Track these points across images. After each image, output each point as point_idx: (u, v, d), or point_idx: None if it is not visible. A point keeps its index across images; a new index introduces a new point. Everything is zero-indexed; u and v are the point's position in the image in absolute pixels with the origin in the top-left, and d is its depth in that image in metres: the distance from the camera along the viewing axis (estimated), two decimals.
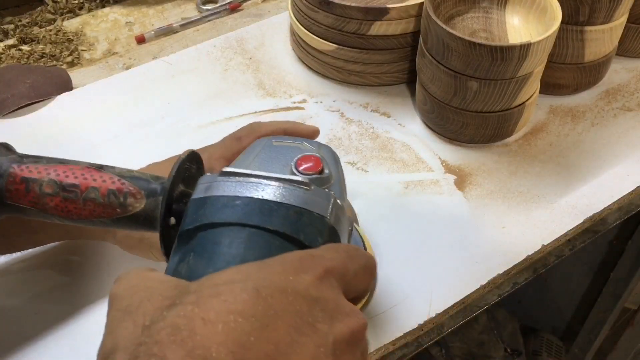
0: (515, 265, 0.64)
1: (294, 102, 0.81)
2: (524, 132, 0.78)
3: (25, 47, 0.90)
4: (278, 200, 0.38)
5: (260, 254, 0.35)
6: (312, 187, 0.40)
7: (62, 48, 0.90)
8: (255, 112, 0.80)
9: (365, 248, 0.61)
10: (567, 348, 1.33)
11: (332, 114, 0.80)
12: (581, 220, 0.68)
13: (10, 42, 0.91)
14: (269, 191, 0.38)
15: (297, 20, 0.83)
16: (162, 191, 0.44)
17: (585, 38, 0.76)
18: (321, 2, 0.76)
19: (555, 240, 0.66)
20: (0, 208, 0.45)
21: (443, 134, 0.77)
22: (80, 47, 0.91)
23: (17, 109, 0.79)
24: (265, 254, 0.35)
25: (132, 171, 0.46)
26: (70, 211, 0.45)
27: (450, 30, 0.66)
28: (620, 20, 0.77)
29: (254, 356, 0.28)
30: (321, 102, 0.81)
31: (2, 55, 0.89)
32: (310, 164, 0.42)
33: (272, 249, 0.36)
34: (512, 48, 0.65)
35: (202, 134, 0.77)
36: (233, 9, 0.97)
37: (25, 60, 0.88)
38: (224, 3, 0.97)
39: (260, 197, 0.38)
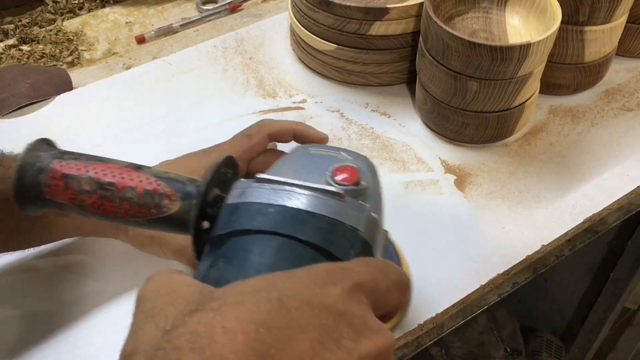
0: (515, 265, 0.64)
1: (294, 102, 0.81)
2: (524, 132, 0.78)
3: (25, 47, 0.90)
4: (311, 210, 0.38)
5: (290, 264, 0.34)
6: (347, 199, 0.39)
7: (62, 48, 0.90)
8: (255, 112, 0.80)
9: (400, 264, 0.59)
10: (567, 348, 1.33)
11: (332, 114, 0.80)
12: (581, 220, 0.68)
13: (10, 42, 0.91)
14: (302, 200, 0.38)
15: (297, 20, 0.83)
16: (197, 194, 0.44)
17: (585, 38, 0.76)
18: (321, 2, 0.76)
19: (555, 240, 0.66)
20: (39, 202, 0.46)
21: (443, 134, 0.77)
22: (80, 47, 0.91)
23: (17, 109, 0.79)
24: (295, 264, 0.34)
25: (168, 172, 0.47)
26: (106, 209, 0.45)
27: (450, 30, 0.66)
28: (620, 20, 0.77)
29: None
30: (321, 102, 0.81)
31: (2, 55, 0.89)
32: (346, 175, 0.42)
33: (303, 260, 0.35)
34: (512, 48, 0.65)
35: (202, 134, 0.77)
36: (233, 9, 0.97)
37: (25, 60, 0.88)
38: (224, 3, 0.97)
39: (293, 206, 0.38)
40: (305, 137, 0.62)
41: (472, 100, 0.71)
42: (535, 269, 0.65)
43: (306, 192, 0.39)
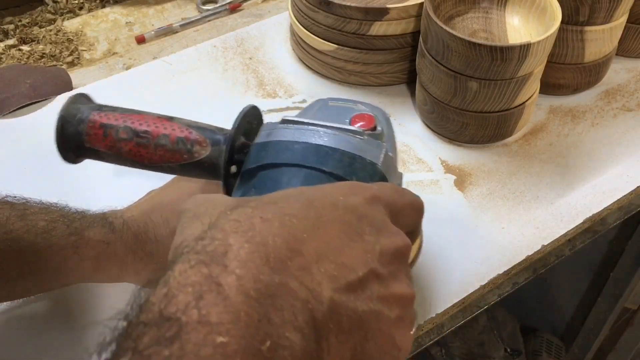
0: (515, 265, 0.64)
1: (294, 102, 0.81)
2: (524, 132, 0.78)
3: (25, 47, 0.90)
4: (333, 145, 0.42)
5: None
6: (366, 137, 0.43)
7: (62, 48, 0.90)
8: None
9: None
10: (567, 348, 1.33)
11: None
12: (581, 220, 0.68)
13: (10, 42, 0.91)
14: (325, 138, 0.42)
15: (297, 20, 0.83)
16: (226, 140, 0.47)
17: (585, 38, 0.76)
18: (321, 2, 0.76)
19: (555, 240, 0.66)
20: (80, 150, 0.49)
21: (443, 134, 0.77)
22: (80, 47, 0.91)
23: (17, 109, 0.79)
24: None
25: (198, 123, 0.50)
26: (142, 155, 0.49)
27: (450, 31, 0.66)
28: (620, 20, 0.77)
29: (307, 249, 0.30)
30: None
31: (2, 55, 0.89)
32: (364, 122, 0.45)
33: None
34: (512, 48, 0.65)
35: None
36: (233, 9, 0.97)
37: (25, 60, 0.88)
38: (224, 3, 0.97)
39: (317, 142, 0.42)
40: None
41: (472, 100, 0.71)
42: (535, 269, 0.65)
43: (328, 130, 0.42)
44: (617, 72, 0.86)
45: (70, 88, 0.83)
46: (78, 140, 0.49)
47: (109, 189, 0.69)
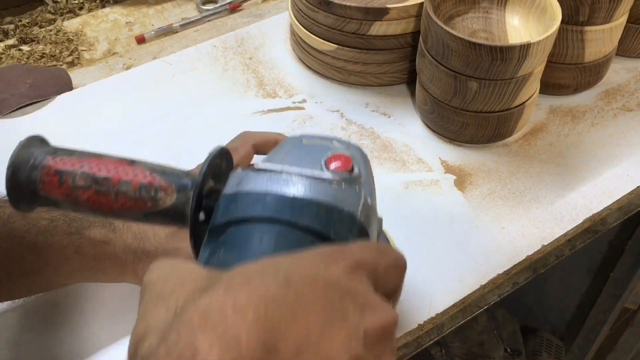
0: (515, 265, 0.64)
1: (294, 102, 0.81)
2: (524, 132, 0.78)
3: (25, 47, 0.90)
4: (309, 197, 0.39)
5: (291, 250, 0.35)
6: (343, 185, 0.40)
7: (62, 48, 0.90)
8: (255, 112, 0.80)
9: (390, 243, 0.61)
10: (567, 348, 1.33)
11: (332, 114, 0.80)
12: (581, 220, 0.68)
13: (10, 42, 0.91)
14: (299, 187, 0.39)
15: (297, 20, 0.83)
16: (193, 186, 0.44)
17: (585, 38, 0.76)
18: (321, 2, 0.76)
19: (555, 240, 0.66)
20: (33, 199, 0.46)
21: (443, 134, 0.77)
22: (80, 47, 0.91)
23: (17, 109, 0.79)
24: (295, 249, 0.35)
25: (162, 166, 0.47)
26: (102, 204, 0.45)
27: (450, 30, 0.66)
28: (620, 20, 0.77)
29: (284, 344, 0.27)
30: (321, 102, 0.81)
31: (2, 55, 0.89)
32: (339, 163, 0.42)
33: (302, 245, 0.36)
34: (512, 48, 0.65)
35: (202, 134, 0.77)
36: (233, 9, 0.97)
37: (25, 60, 0.88)
38: (224, 3, 0.97)
39: (290, 193, 0.39)
40: None
41: (472, 100, 0.71)
42: (535, 269, 0.65)
43: (303, 179, 0.39)
44: (617, 72, 0.86)
45: (70, 88, 0.83)
46: (31, 188, 0.45)
47: None
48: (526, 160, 0.74)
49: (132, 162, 0.46)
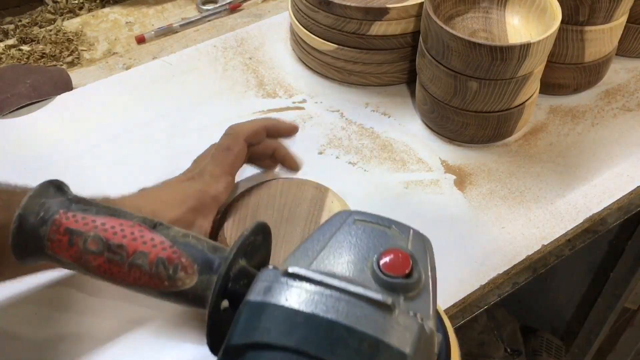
0: (515, 265, 0.64)
1: (294, 102, 0.81)
2: (524, 132, 0.78)
3: (25, 47, 0.90)
4: (350, 324, 0.31)
5: None
6: (396, 311, 0.33)
7: (62, 48, 0.90)
8: (255, 112, 0.80)
9: (449, 344, 0.47)
10: (567, 348, 1.33)
11: (332, 114, 0.80)
12: (581, 220, 0.68)
13: (10, 42, 0.91)
14: (340, 310, 0.32)
15: (297, 20, 0.83)
16: (219, 267, 0.38)
17: (585, 38, 0.76)
18: (321, 2, 0.76)
19: (555, 240, 0.66)
20: (39, 256, 0.41)
21: (443, 134, 0.77)
22: (80, 47, 0.91)
23: (17, 109, 0.79)
24: None
25: (188, 235, 0.41)
26: (113, 274, 0.40)
27: (450, 30, 0.66)
28: (620, 20, 0.77)
29: None
30: (321, 102, 0.81)
31: (2, 55, 0.89)
32: (396, 262, 0.35)
33: None
34: (512, 48, 0.65)
35: (202, 134, 0.77)
36: (233, 9, 0.97)
37: (25, 60, 0.88)
38: (224, 3, 0.97)
39: (328, 317, 0.32)
40: (276, 131, 0.64)
41: (472, 100, 0.71)
42: (535, 269, 0.65)
43: (346, 297, 0.32)
44: (617, 72, 0.86)
45: (70, 88, 0.83)
46: (39, 245, 0.40)
47: (113, 190, 0.69)
48: (526, 160, 0.74)
49: (153, 227, 0.41)
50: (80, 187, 0.60)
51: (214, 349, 0.38)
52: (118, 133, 0.77)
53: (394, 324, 0.32)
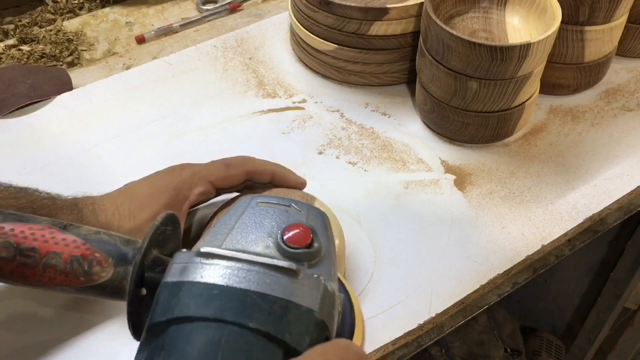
0: (515, 265, 0.64)
1: (294, 102, 0.81)
2: (524, 132, 0.78)
3: (25, 47, 0.90)
4: (261, 291, 0.34)
5: (240, 356, 0.32)
6: (301, 274, 0.36)
7: (62, 48, 0.90)
8: (255, 112, 0.80)
9: (352, 307, 0.54)
10: (567, 348, 1.33)
11: (332, 114, 0.80)
12: (581, 220, 0.68)
13: (10, 42, 0.91)
14: (251, 279, 0.35)
15: (297, 20, 0.83)
16: (133, 258, 0.39)
17: (585, 38, 0.76)
18: (321, 2, 0.76)
19: (555, 240, 0.66)
20: None
21: (443, 134, 0.77)
22: (80, 47, 0.91)
23: (17, 109, 0.79)
24: (245, 355, 0.32)
25: (99, 232, 0.42)
26: (27, 277, 0.40)
27: (450, 30, 0.66)
28: (620, 20, 0.77)
29: None
30: (321, 102, 0.81)
31: (2, 55, 0.89)
32: (298, 235, 0.38)
33: (253, 351, 0.33)
34: (512, 48, 0.65)
35: (202, 134, 0.77)
36: (233, 9, 0.97)
37: (25, 60, 0.88)
38: (224, 3, 0.97)
39: (241, 286, 0.34)
40: (283, 181, 0.60)
41: (472, 100, 0.71)
42: (535, 269, 0.65)
43: (255, 268, 0.35)
44: (617, 72, 0.86)
45: (70, 88, 0.83)
46: None
47: (112, 188, 0.69)
48: (526, 160, 0.74)
49: (63, 228, 0.41)
50: (80, 187, 0.60)
51: (136, 335, 0.40)
52: (118, 133, 0.77)
53: (300, 286, 0.35)
